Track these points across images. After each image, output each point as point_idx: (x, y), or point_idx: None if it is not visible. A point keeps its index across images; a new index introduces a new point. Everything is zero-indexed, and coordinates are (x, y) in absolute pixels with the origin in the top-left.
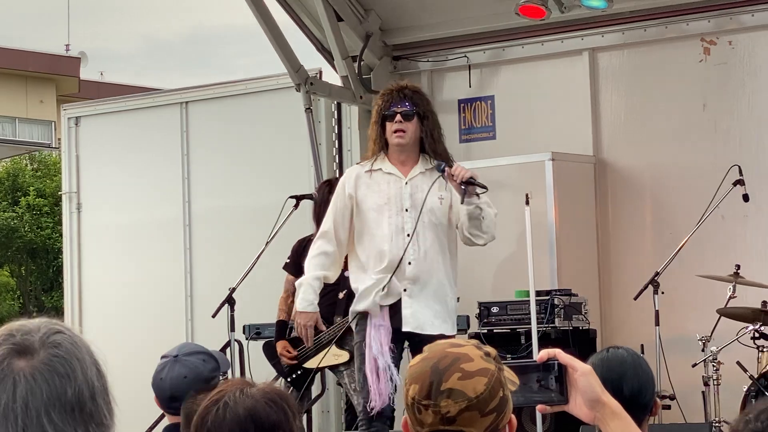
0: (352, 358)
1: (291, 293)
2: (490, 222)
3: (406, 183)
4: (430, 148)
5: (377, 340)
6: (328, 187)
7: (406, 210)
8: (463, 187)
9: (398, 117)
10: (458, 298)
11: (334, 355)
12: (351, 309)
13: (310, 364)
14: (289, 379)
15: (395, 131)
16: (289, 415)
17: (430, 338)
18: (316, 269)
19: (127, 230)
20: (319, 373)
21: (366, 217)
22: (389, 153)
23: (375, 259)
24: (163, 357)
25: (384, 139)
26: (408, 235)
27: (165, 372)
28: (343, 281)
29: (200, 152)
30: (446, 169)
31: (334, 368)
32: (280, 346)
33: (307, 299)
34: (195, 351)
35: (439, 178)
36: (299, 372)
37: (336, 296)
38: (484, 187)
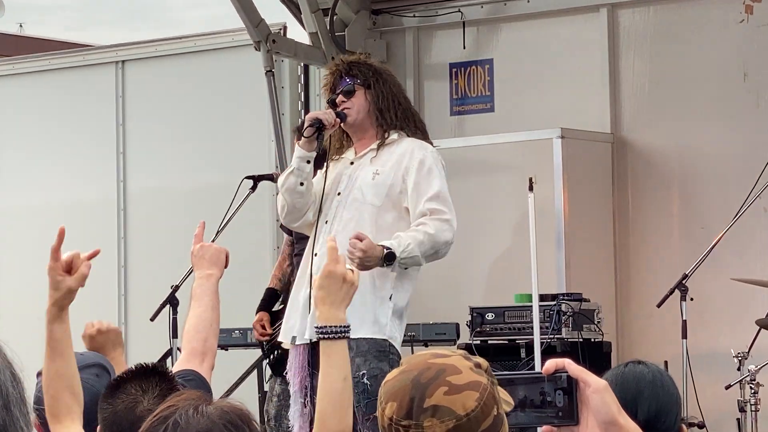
0: None
1: (287, 255)
2: (428, 251)
3: (352, 163)
4: (381, 115)
5: (291, 364)
6: None
7: (339, 194)
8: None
9: (339, 98)
10: (391, 296)
11: None
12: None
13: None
14: (266, 361)
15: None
16: None
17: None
18: None
19: (49, 213)
20: None
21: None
22: (352, 138)
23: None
24: (41, 375)
25: (342, 129)
26: (326, 221)
27: None
28: None
29: (138, 122)
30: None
31: None
32: (257, 317)
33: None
34: (85, 364)
35: (370, 151)
36: (278, 352)
37: None
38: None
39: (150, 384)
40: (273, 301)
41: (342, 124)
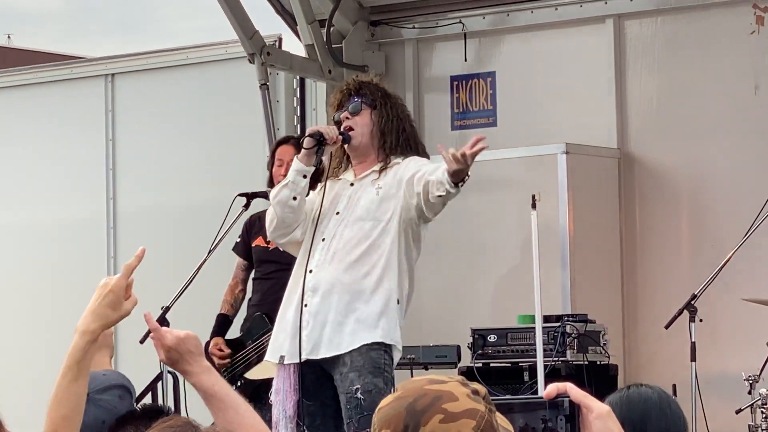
0: None
1: (240, 280)
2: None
3: (352, 184)
4: (382, 137)
5: (279, 385)
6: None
7: (337, 213)
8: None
9: (345, 115)
10: (399, 300)
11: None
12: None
13: (254, 374)
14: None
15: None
16: None
17: (334, 360)
18: None
19: (35, 231)
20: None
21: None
22: (352, 161)
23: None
24: None
25: (344, 150)
26: (323, 239)
27: None
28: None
29: (129, 137)
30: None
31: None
32: (212, 343)
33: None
34: (108, 385)
35: (372, 173)
36: (241, 383)
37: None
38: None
39: (150, 427)
40: (226, 328)
41: (346, 146)
